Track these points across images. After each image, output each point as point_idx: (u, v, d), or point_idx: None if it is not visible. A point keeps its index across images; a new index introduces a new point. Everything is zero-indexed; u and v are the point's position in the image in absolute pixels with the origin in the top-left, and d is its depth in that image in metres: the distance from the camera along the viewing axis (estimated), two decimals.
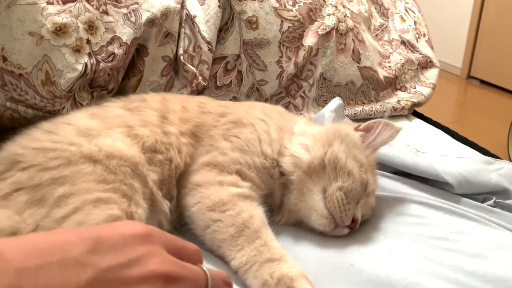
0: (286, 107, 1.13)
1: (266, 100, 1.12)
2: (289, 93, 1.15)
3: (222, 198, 0.67)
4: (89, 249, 0.37)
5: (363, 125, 0.79)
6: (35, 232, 0.54)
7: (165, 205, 0.70)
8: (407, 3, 1.45)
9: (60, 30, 0.80)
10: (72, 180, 0.60)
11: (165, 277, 0.39)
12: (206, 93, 1.04)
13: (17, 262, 0.35)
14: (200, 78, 1.00)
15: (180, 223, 0.72)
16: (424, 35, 1.41)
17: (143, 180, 0.66)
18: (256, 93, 1.11)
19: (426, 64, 1.36)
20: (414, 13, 1.44)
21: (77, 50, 0.82)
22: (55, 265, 0.36)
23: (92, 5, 0.86)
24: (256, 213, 0.67)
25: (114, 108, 0.76)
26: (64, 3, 0.82)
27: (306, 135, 0.77)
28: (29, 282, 0.34)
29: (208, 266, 0.63)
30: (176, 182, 0.73)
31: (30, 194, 0.59)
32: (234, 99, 1.08)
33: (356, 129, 0.79)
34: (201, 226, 0.66)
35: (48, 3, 0.80)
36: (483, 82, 3.36)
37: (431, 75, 1.35)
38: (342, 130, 0.77)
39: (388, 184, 0.87)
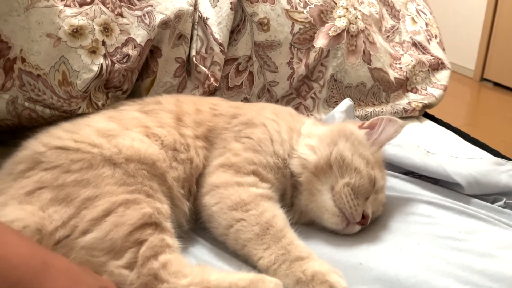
0: (297, 108, 1.14)
1: (277, 101, 1.13)
2: (300, 94, 1.16)
3: (244, 198, 0.68)
4: None
5: (367, 122, 0.80)
6: None
7: (185, 205, 0.72)
8: (418, 5, 1.45)
9: (77, 32, 0.82)
10: (95, 183, 0.62)
11: None
12: (217, 94, 1.05)
13: None
14: (212, 79, 1.02)
15: (196, 222, 0.74)
16: (436, 36, 1.41)
17: (161, 179, 0.68)
18: (267, 94, 1.12)
19: (437, 65, 1.36)
20: (426, 15, 1.44)
21: (93, 52, 0.84)
22: None
23: (108, 8, 0.88)
24: (279, 213, 0.68)
25: (131, 111, 0.78)
26: (80, 5, 0.84)
27: (312, 136, 0.79)
28: None
29: (226, 267, 0.65)
30: (196, 181, 0.74)
31: (54, 193, 0.61)
32: (245, 100, 1.09)
33: (361, 127, 0.80)
34: (224, 225, 0.68)
35: (65, 5, 0.82)
36: (496, 84, 3.33)
37: (443, 76, 1.35)
38: (346, 129, 0.78)
39: (398, 185, 0.87)
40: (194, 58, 1.01)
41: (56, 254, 0.48)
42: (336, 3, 1.18)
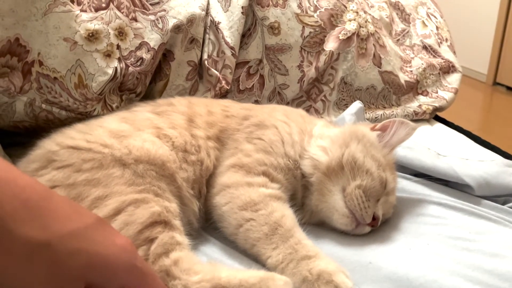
0: (307, 111, 1.15)
1: (287, 104, 1.14)
2: (310, 97, 1.17)
3: (253, 198, 0.69)
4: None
5: (379, 124, 0.81)
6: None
7: (195, 204, 0.73)
8: (429, 8, 1.46)
9: (93, 36, 0.85)
10: (105, 183, 0.63)
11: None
12: (229, 97, 1.07)
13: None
14: (223, 82, 1.03)
15: (207, 222, 0.75)
16: (447, 40, 1.41)
17: (170, 179, 0.69)
18: (277, 97, 1.13)
19: (448, 68, 1.36)
20: (436, 19, 1.44)
21: (108, 55, 0.86)
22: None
23: (122, 13, 0.90)
24: (288, 213, 0.69)
25: (143, 112, 0.79)
26: (96, 10, 0.87)
27: (324, 137, 0.79)
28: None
29: (237, 265, 0.66)
30: (206, 182, 0.75)
31: (65, 192, 0.63)
32: (256, 102, 1.10)
33: (373, 129, 0.81)
34: (234, 225, 0.69)
35: (81, 10, 0.85)
36: (509, 88, 3.30)
37: (453, 79, 1.35)
38: (358, 130, 0.79)
39: (408, 186, 0.87)
40: (206, 62, 1.03)
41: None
42: (346, 7, 1.19)
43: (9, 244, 0.37)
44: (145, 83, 0.95)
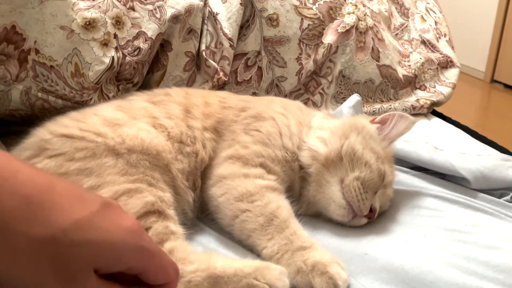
0: (305, 104, 1.14)
1: (285, 96, 1.14)
2: (308, 90, 1.17)
3: (249, 189, 0.68)
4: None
5: (379, 117, 0.80)
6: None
7: (189, 195, 0.72)
8: (428, 3, 1.46)
9: (90, 25, 0.84)
10: (98, 172, 0.63)
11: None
12: (226, 88, 1.06)
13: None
14: (221, 73, 1.03)
15: (203, 213, 0.75)
16: (445, 35, 1.41)
17: (165, 169, 0.69)
18: (275, 89, 1.13)
19: (446, 63, 1.36)
20: (435, 13, 1.44)
21: (105, 44, 0.86)
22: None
23: (120, 1, 0.89)
24: (283, 204, 0.69)
25: (139, 101, 0.79)
26: None
27: (323, 128, 0.79)
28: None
29: (232, 255, 0.66)
30: (201, 174, 0.75)
31: None
32: (254, 94, 1.10)
33: (372, 121, 0.80)
34: (230, 216, 0.68)
35: None
36: (507, 86, 3.31)
37: (451, 74, 1.35)
38: (358, 122, 0.78)
39: (405, 179, 0.88)
40: (203, 53, 1.02)
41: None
42: (345, 0, 1.19)
43: (12, 243, 0.37)
44: (142, 73, 0.94)
